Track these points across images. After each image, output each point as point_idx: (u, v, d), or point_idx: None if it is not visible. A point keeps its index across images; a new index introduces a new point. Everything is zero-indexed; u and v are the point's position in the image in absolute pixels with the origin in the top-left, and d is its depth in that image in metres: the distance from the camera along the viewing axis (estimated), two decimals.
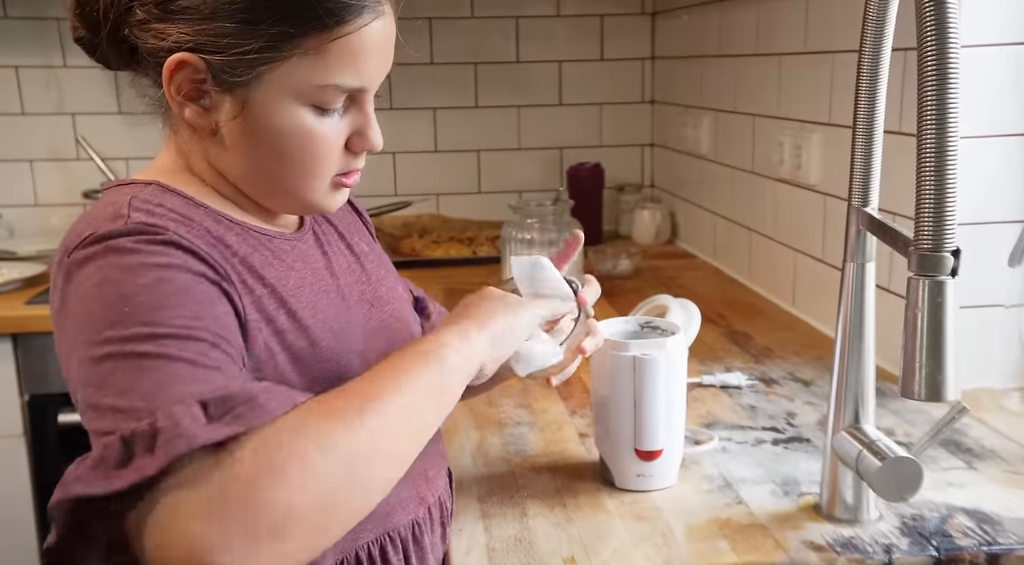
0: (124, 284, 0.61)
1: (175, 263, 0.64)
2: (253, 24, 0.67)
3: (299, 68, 0.68)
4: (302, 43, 0.68)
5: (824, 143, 1.42)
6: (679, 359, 0.92)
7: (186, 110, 0.70)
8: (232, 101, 0.69)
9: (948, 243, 0.62)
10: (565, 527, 0.86)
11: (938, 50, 0.61)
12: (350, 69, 0.70)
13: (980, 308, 1.15)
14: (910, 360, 0.64)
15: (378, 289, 0.85)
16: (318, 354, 0.72)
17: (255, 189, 0.75)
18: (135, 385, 0.58)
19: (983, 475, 0.94)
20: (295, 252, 0.77)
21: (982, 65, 1.10)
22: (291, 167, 0.72)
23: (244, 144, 0.71)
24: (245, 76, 0.68)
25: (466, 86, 2.26)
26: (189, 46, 0.68)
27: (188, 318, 0.61)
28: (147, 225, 0.65)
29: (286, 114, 0.70)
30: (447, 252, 2.02)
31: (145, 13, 0.69)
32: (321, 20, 0.67)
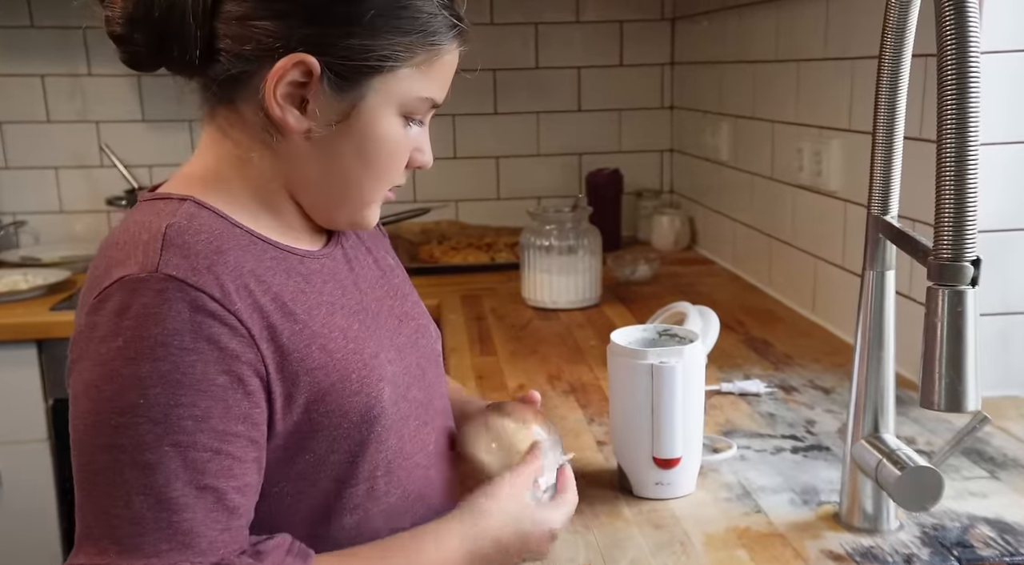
0: (141, 364, 0.62)
1: (196, 346, 0.63)
2: (377, 32, 0.68)
3: (408, 79, 0.71)
4: (415, 56, 0.70)
5: (844, 149, 1.42)
6: (697, 367, 0.91)
7: (284, 113, 0.69)
8: (339, 105, 0.69)
9: (968, 252, 0.62)
10: (583, 535, 0.86)
11: (958, 56, 0.60)
12: (440, 85, 0.74)
13: (1002, 315, 1.14)
14: (930, 370, 0.63)
15: (404, 304, 0.85)
16: (348, 388, 0.72)
17: (321, 195, 0.74)
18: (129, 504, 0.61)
19: (1005, 485, 0.93)
20: (325, 272, 0.76)
21: (1006, 71, 1.09)
22: (372, 173, 0.73)
23: (335, 149, 0.71)
24: (358, 82, 0.69)
25: (485, 93, 2.27)
26: (304, 48, 0.67)
27: (197, 419, 0.63)
28: (174, 280, 0.64)
29: (387, 122, 0.72)
30: (466, 259, 2.02)
31: (245, 9, 0.67)
32: (435, 37, 0.71)
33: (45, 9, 2.13)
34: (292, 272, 0.73)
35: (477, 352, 1.44)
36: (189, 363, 0.63)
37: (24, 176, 2.20)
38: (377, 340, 0.77)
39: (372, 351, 0.75)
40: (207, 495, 0.63)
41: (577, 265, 1.65)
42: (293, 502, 0.71)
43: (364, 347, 0.74)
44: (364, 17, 0.67)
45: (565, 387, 1.27)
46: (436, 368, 0.86)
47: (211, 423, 0.63)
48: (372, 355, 0.75)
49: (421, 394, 0.80)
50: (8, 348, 1.71)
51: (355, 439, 0.72)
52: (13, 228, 2.22)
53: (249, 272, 0.69)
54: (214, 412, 0.63)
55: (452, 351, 1.45)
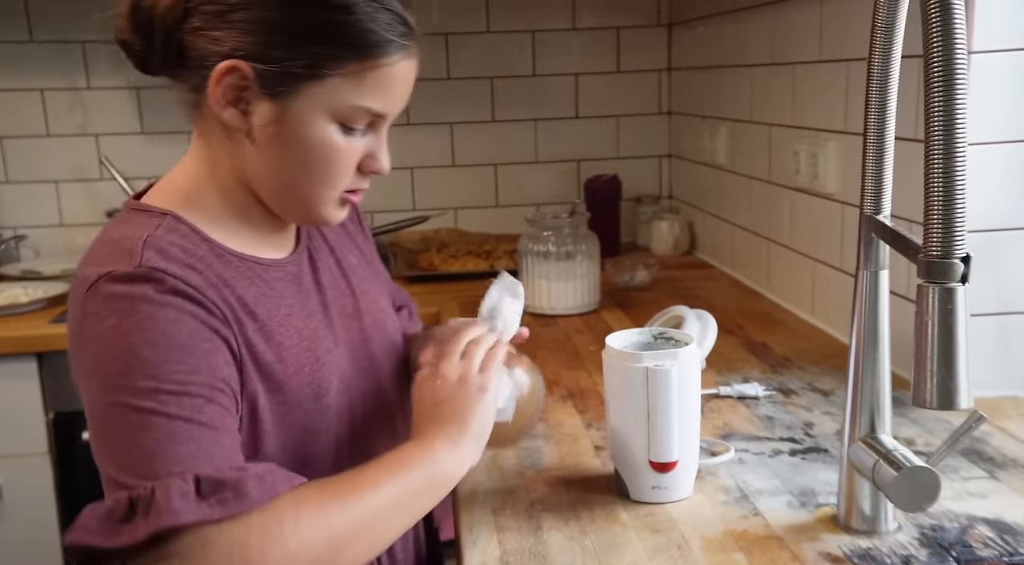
0: (132, 335, 0.70)
1: (179, 317, 0.71)
2: (308, 42, 0.74)
3: (338, 88, 0.76)
4: (346, 66, 0.75)
5: (840, 151, 1.42)
6: (692, 370, 0.91)
7: (226, 112, 0.76)
8: (271, 108, 0.76)
9: (958, 249, 0.62)
10: (580, 540, 0.85)
11: (944, 54, 0.60)
12: (380, 96, 0.78)
13: (1001, 315, 1.14)
14: (921, 368, 0.63)
15: (360, 301, 0.93)
16: (300, 380, 0.81)
17: (272, 194, 0.82)
18: (138, 443, 0.67)
19: (1005, 485, 0.92)
20: (287, 278, 0.85)
21: (1001, 70, 1.09)
22: (311, 176, 0.79)
23: (273, 149, 0.78)
24: (288, 87, 0.75)
25: (483, 100, 2.27)
26: (242, 54, 0.74)
27: (187, 373, 0.70)
28: (156, 271, 0.72)
29: (317, 127, 0.77)
30: (465, 266, 2.02)
31: (203, 21, 0.75)
32: (369, 49, 0.75)
33: (44, 24, 2.14)
34: (256, 279, 0.81)
35: None
36: (176, 329, 0.71)
37: (24, 190, 2.21)
38: (332, 337, 0.86)
39: (326, 347, 0.84)
40: (206, 430, 0.69)
41: (575, 271, 1.65)
42: None
43: (318, 344, 0.84)
44: (293, 28, 0.74)
45: (563, 392, 1.27)
46: (393, 360, 0.95)
47: (200, 376, 0.71)
48: (326, 351, 0.84)
49: (373, 385, 0.90)
50: (9, 361, 1.72)
51: (307, 426, 0.81)
52: (14, 242, 2.22)
53: (217, 276, 0.77)
54: (202, 368, 0.71)
55: None
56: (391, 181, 2.28)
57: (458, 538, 0.88)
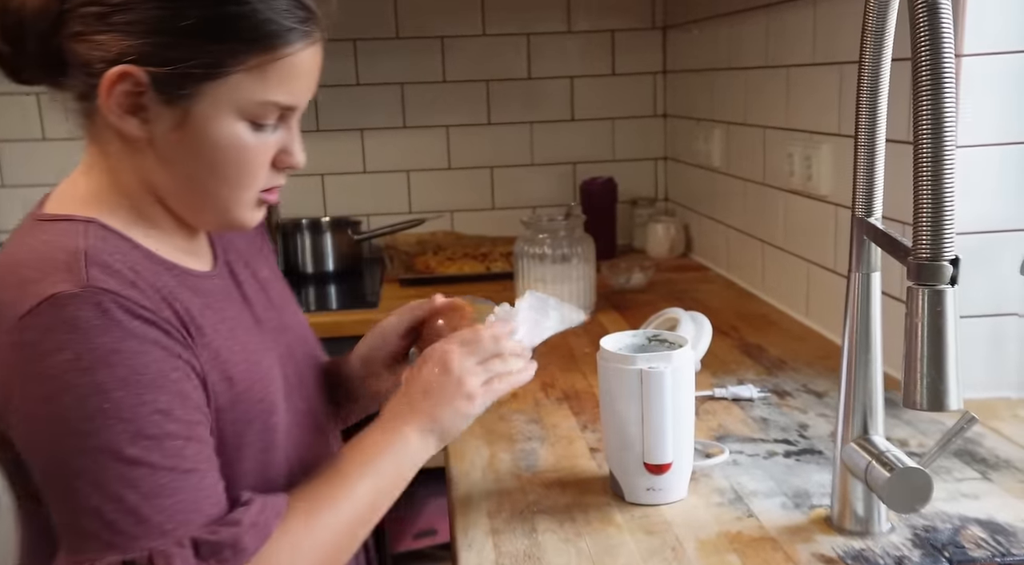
0: (99, 373, 0.64)
1: (144, 348, 0.66)
2: (202, 40, 0.69)
3: (241, 84, 0.71)
4: (247, 61, 0.71)
5: (833, 153, 1.42)
6: (686, 372, 0.91)
7: (123, 122, 0.71)
8: (172, 114, 0.71)
9: (946, 252, 0.62)
10: (575, 542, 0.86)
11: (932, 58, 0.61)
12: (286, 88, 0.73)
13: (994, 317, 1.14)
14: (911, 370, 0.63)
15: (283, 315, 0.89)
16: (252, 397, 0.77)
17: (183, 202, 0.77)
18: (123, 498, 0.64)
19: (997, 486, 0.93)
20: (219, 292, 0.80)
21: (993, 72, 1.09)
22: (223, 179, 0.75)
23: (179, 156, 0.73)
24: (188, 89, 0.70)
25: (479, 103, 2.28)
26: (131, 58, 0.69)
27: (163, 413, 0.66)
28: (108, 293, 0.66)
29: (225, 127, 0.72)
30: (461, 269, 2.02)
31: (82, 24, 0.69)
32: (269, 41, 0.71)
33: None
34: (196, 291, 0.76)
35: None
36: (144, 364, 0.66)
37: (20, 194, 2.21)
38: (269, 353, 0.82)
39: (268, 362, 0.80)
40: (191, 476, 0.67)
41: (571, 273, 1.66)
42: None
43: (262, 359, 0.80)
44: (184, 26, 0.69)
45: (559, 395, 1.27)
46: (317, 375, 0.92)
47: (176, 414, 0.67)
48: (269, 366, 0.80)
49: (304, 403, 0.86)
50: None
51: (259, 447, 0.77)
52: None
53: (163, 290, 0.72)
54: (175, 404, 0.67)
55: None
56: (387, 184, 2.29)
57: (453, 541, 0.89)
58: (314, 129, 2.24)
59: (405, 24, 2.22)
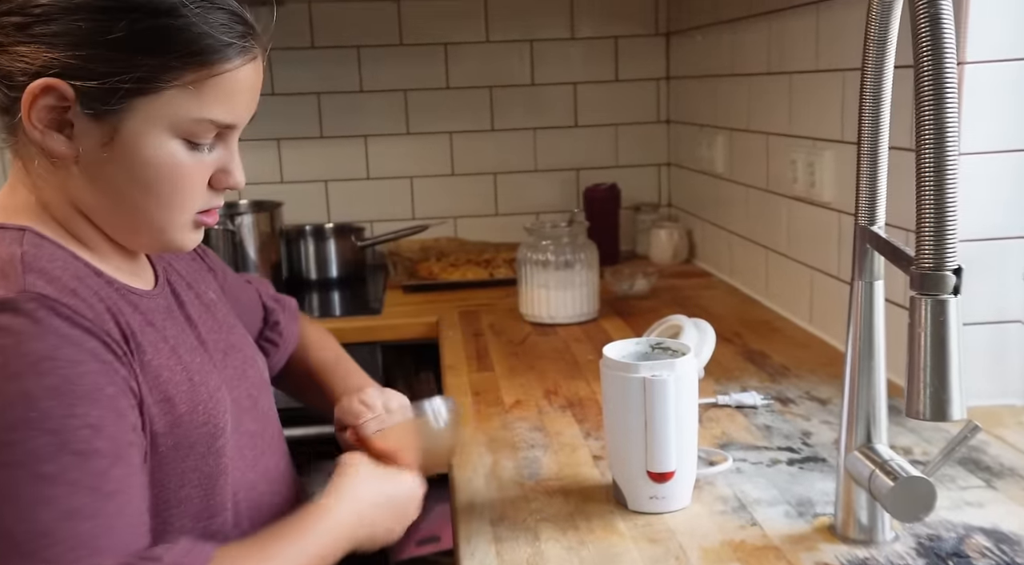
0: (27, 380, 0.60)
1: (79, 357, 0.63)
2: (133, 54, 0.66)
3: (176, 100, 0.68)
4: (182, 76, 0.68)
5: (836, 160, 1.42)
6: (689, 380, 0.91)
7: (47, 138, 0.68)
8: (100, 130, 0.68)
9: (949, 262, 0.62)
10: (577, 551, 0.85)
11: (934, 68, 0.61)
12: (224, 105, 0.71)
13: (997, 324, 1.14)
14: (914, 379, 0.63)
15: (230, 336, 0.87)
16: (195, 420, 0.74)
17: (114, 223, 0.74)
18: (36, 517, 0.59)
19: (1002, 494, 0.93)
20: (160, 311, 0.77)
21: (995, 80, 1.09)
22: (156, 200, 0.72)
23: (108, 175, 0.70)
24: (118, 105, 0.67)
25: (482, 109, 2.28)
26: (55, 71, 0.66)
27: (93, 428, 0.62)
28: (46, 299, 0.63)
29: (158, 145, 0.69)
30: (464, 275, 2.03)
31: (2, 35, 0.67)
32: (206, 56, 0.68)
33: None
34: (136, 308, 0.74)
35: (474, 368, 1.44)
36: (79, 374, 0.62)
37: None
38: (216, 374, 0.79)
39: (214, 384, 0.77)
40: (113, 500, 0.63)
41: (574, 280, 1.66)
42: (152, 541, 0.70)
43: (207, 380, 0.76)
44: (114, 39, 0.66)
45: (562, 402, 1.27)
46: (267, 396, 0.89)
47: (107, 431, 0.63)
48: (215, 388, 0.77)
49: (255, 425, 0.83)
50: None
51: (203, 472, 0.74)
52: None
53: (104, 303, 0.69)
54: (107, 420, 0.64)
55: (449, 368, 1.46)
56: (390, 190, 2.30)
57: (456, 549, 0.89)
58: (317, 136, 2.24)
59: (408, 31, 2.23)
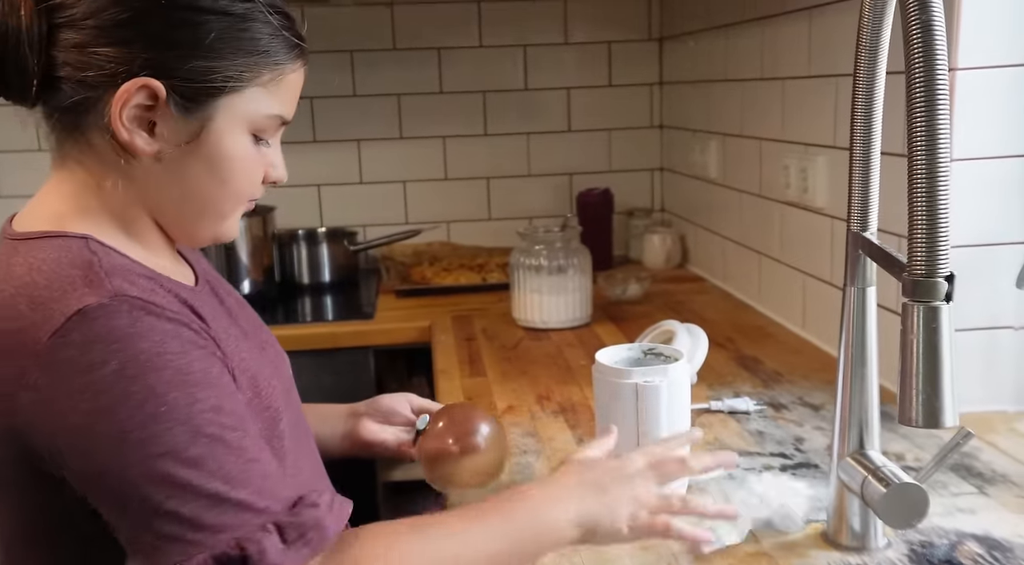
0: (147, 377, 0.63)
1: (184, 348, 0.66)
2: (222, 54, 0.70)
3: (255, 98, 0.73)
4: (261, 76, 0.73)
5: (829, 166, 1.42)
6: (682, 386, 0.91)
7: (134, 137, 0.70)
8: (187, 127, 0.71)
9: (941, 269, 0.62)
10: (570, 557, 0.85)
11: (926, 74, 0.61)
12: (288, 103, 0.77)
13: (989, 330, 1.14)
14: (906, 386, 0.63)
15: (261, 333, 0.90)
16: (260, 404, 0.76)
17: (179, 216, 0.77)
18: (198, 494, 0.63)
19: (994, 500, 0.92)
20: (210, 306, 0.79)
21: (987, 86, 1.09)
22: (227, 192, 0.76)
23: (185, 169, 0.73)
24: (207, 102, 0.71)
25: (475, 114, 2.28)
26: (148, 71, 0.68)
27: (215, 411, 0.65)
28: (137, 300, 0.65)
29: (237, 140, 0.74)
30: (457, 279, 2.02)
31: (82, 37, 0.68)
32: (280, 56, 0.74)
33: None
34: (196, 304, 0.74)
35: (467, 373, 1.44)
36: (187, 363, 0.65)
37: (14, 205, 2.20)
38: (267, 367, 0.81)
39: (267, 373, 0.80)
40: (255, 466, 0.66)
41: (567, 284, 1.66)
42: None
43: (260, 371, 0.78)
44: (205, 40, 0.70)
45: (555, 407, 1.27)
46: (295, 391, 0.92)
47: (227, 409, 0.67)
48: (268, 376, 0.79)
49: (292, 416, 0.86)
50: None
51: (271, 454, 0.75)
52: None
53: (178, 295, 0.72)
54: (225, 400, 0.67)
55: (442, 372, 1.45)
56: (384, 194, 2.29)
57: None
58: (311, 140, 2.24)
59: (402, 35, 2.23)
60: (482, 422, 0.93)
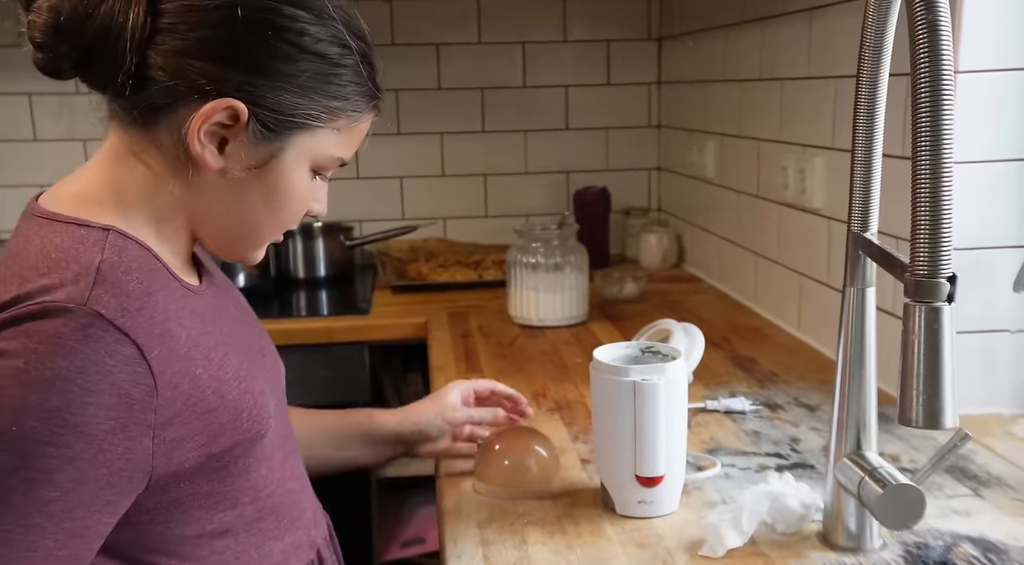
0: (31, 393, 0.60)
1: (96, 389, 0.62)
2: (310, 93, 0.72)
3: (327, 138, 0.75)
4: (337, 120, 0.75)
5: (827, 167, 1.42)
6: (680, 384, 0.91)
7: (206, 151, 0.71)
8: (258, 154, 0.73)
9: (944, 269, 0.62)
10: (565, 555, 0.85)
11: (932, 75, 0.61)
12: (351, 147, 0.79)
13: (986, 333, 1.14)
14: (907, 387, 0.63)
15: (261, 340, 0.89)
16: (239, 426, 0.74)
17: (222, 232, 0.77)
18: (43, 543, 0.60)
19: (989, 503, 0.93)
20: (211, 309, 0.79)
21: (987, 90, 1.10)
22: (276, 219, 0.77)
23: (244, 191, 0.74)
24: (284, 135, 0.73)
25: (473, 111, 2.28)
26: (239, 94, 0.70)
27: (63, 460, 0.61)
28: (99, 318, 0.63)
29: (299, 174, 0.76)
30: (453, 276, 2.02)
31: (185, 45, 0.68)
32: (360, 105, 0.76)
33: None
34: (195, 311, 0.75)
35: (463, 369, 1.44)
36: (80, 404, 0.61)
37: (10, 194, 2.19)
38: (260, 377, 0.80)
39: (259, 388, 0.78)
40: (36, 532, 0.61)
41: (564, 282, 1.65)
42: (162, 529, 0.72)
43: (253, 385, 0.77)
44: (299, 78, 0.71)
45: (551, 405, 1.26)
46: (284, 400, 0.91)
47: (77, 464, 0.62)
48: (260, 392, 0.78)
49: (283, 426, 0.85)
50: None
51: (235, 471, 0.75)
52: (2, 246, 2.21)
53: (172, 315, 0.70)
54: (84, 456, 0.62)
55: (438, 369, 1.45)
56: (380, 190, 2.29)
57: (443, 551, 0.88)
58: None
59: (400, 31, 2.22)
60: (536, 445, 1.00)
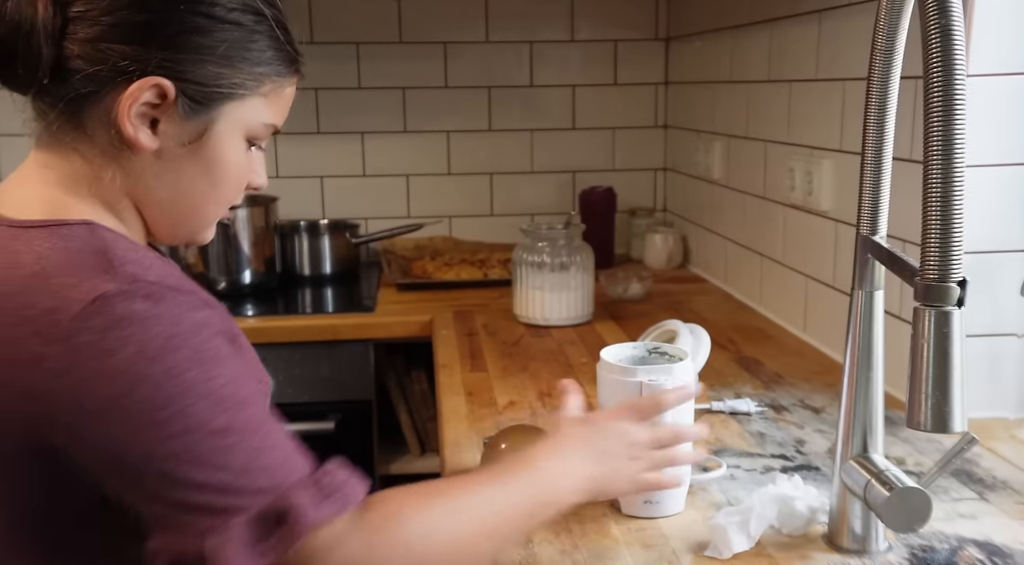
0: (165, 359, 0.64)
1: (195, 330, 0.66)
2: (234, 62, 0.73)
3: (255, 106, 0.76)
4: (263, 86, 0.75)
5: (835, 169, 1.42)
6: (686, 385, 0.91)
7: (139, 133, 0.71)
8: (190, 129, 0.73)
9: (954, 273, 0.62)
10: (571, 554, 0.85)
11: (944, 79, 0.61)
12: (283, 113, 0.79)
13: (992, 337, 1.14)
14: (916, 390, 0.63)
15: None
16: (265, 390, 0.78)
17: (164, 215, 0.78)
18: (228, 462, 0.64)
19: (994, 506, 0.93)
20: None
21: (995, 94, 1.10)
22: (217, 195, 0.78)
23: (181, 169, 0.75)
24: (213, 107, 0.73)
25: (480, 110, 2.28)
26: (162, 71, 0.70)
27: (233, 384, 0.67)
28: (151, 284, 0.67)
29: (235, 145, 0.76)
30: (458, 275, 2.02)
31: (99, 32, 0.69)
32: (284, 68, 0.77)
33: None
34: None
35: (468, 368, 1.44)
36: (201, 342, 0.66)
37: None
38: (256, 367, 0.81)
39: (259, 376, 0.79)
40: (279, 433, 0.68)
41: (569, 282, 1.66)
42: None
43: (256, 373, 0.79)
44: (219, 48, 0.72)
45: (556, 404, 1.26)
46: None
47: (239, 380, 0.68)
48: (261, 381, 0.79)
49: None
50: None
51: None
52: None
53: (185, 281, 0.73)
54: (238, 374, 0.68)
55: (443, 367, 1.45)
56: (386, 188, 2.29)
57: None
58: (314, 131, 2.24)
59: (408, 28, 2.22)
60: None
